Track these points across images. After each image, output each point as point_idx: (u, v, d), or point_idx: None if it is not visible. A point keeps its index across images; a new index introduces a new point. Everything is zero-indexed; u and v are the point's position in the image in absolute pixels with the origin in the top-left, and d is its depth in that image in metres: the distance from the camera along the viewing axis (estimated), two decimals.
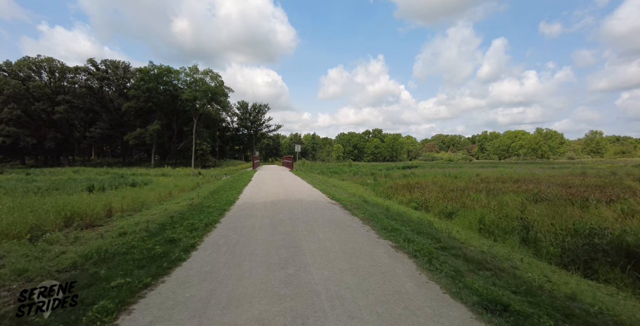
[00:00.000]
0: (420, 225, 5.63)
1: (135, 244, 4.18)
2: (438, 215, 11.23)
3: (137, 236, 4.74)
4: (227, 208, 7.11)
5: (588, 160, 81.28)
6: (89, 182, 18.61)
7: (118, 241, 4.42)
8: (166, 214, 6.87)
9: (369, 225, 5.46)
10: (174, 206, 8.38)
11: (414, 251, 3.88)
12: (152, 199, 12.18)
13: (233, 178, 18.12)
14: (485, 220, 8.64)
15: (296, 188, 11.51)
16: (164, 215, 6.73)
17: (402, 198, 15.22)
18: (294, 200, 8.44)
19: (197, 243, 4.27)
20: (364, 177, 26.92)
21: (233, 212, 6.72)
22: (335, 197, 9.12)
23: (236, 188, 11.73)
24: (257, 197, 9.15)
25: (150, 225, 5.52)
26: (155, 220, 6.13)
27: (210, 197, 9.22)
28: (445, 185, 19.59)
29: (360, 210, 6.89)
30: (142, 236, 4.71)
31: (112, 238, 4.68)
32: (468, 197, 13.15)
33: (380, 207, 7.99)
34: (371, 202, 8.61)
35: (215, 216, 6.07)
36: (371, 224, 5.48)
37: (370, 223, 5.54)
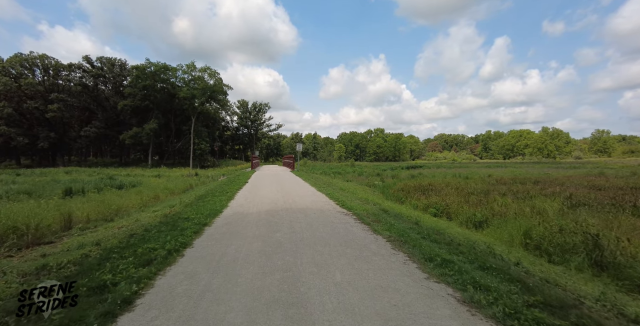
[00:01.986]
0: (475, 249, 3.99)
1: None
2: (464, 223, 9.59)
3: (60, 274, 3.13)
4: (209, 221, 5.47)
5: (596, 160, 79.18)
6: (73, 183, 17.07)
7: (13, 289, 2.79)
8: (129, 230, 5.26)
9: (403, 251, 3.82)
10: (147, 216, 6.77)
11: (504, 314, 2.24)
12: (133, 204, 10.61)
13: (229, 179, 16.52)
14: (532, 234, 6.98)
15: (298, 192, 9.89)
16: (124, 232, 5.12)
17: (416, 203, 13.59)
18: (295, 209, 6.80)
19: (140, 292, 2.63)
20: (369, 177, 25.27)
21: (215, 228, 5.08)
22: (346, 203, 7.48)
23: (228, 192, 10.11)
24: (251, 204, 7.52)
25: (94, 252, 3.90)
26: (108, 240, 4.53)
27: (194, 205, 7.59)
28: (460, 186, 17.93)
29: (383, 225, 5.25)
30: (66, 275, 3.10)
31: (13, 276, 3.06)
32: (495, 202, 11.49)
33: (405, 218, 6.33)
34: (391, 211, 6.96)
35: (189, 235, 4.44)
36: (406, 250, 3.84)
37: (404, 248, 3.90)
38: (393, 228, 4.97)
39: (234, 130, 73.30)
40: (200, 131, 48.99)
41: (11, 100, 39.50)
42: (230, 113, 71.83)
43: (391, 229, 4.93)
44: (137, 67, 44.09)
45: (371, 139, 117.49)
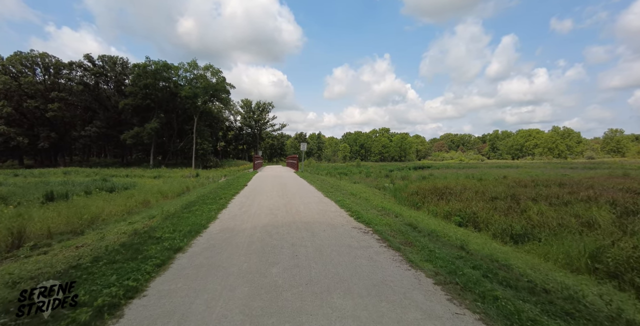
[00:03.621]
0: (587, 307, 2.57)
1: None
2: (499, 236, 8.13)
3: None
4: (186, 244, 4.12)
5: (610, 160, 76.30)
6: (62, 186, 15.94)
7: None
8: (80, 255, 3.96)
9: (468, 306, 2.41)
10: (116, 232, 5.46)
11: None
12: (117, 212, 9.36)
13: (227, 182, 15.22)
14: (603, 256, 5.50)
15: (303, 199, 8.51)
16: (74, 258, 3.81)
17: (435, 209, 12.12)
18: (300, 223, 5.42)
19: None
20: (378, 179, 23.78)
21: (190, 256, 3.71)
22: (361, 215, 6.08)
23: (223, 198, 8.77)
24: (246, 215, 6.16)
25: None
26: (42, 274, 3.21)
27: (177, 216, 6.25)
28: (480, 190, 16.38)
29: (418, 251, 3.85)
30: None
31: None
32: (530, 210, 9.99)
33: (443, 238, 4.89)
34: (421, 227, 5.52)
35: (148, 271, 3.08)
36: (472, 304, 2.44)
37: (468, 301, 2.49)
38: (435, 258, 3.56)
39: (237, 129, 72.26)
40: (202, 131, 47.96)
41: (11, 99, 38.84)
42: (234, 113, 70.86)
43: (433, 259, 3.52)
44: (138, 65, 43.19)
45: (376, 139, 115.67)
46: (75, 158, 54.44)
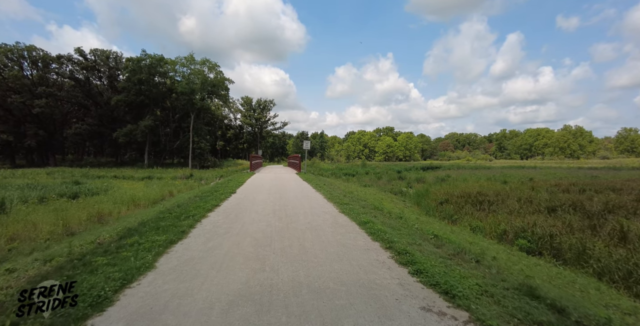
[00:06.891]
0: None
1: None
2: (618, 282, 5.35)
3: None
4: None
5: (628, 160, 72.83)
6: (17, 191, 13.37)
7: None
8: None
9: None
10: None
11: None
12: (48, 232, 6.75)
13: (214, 187, 12.55)
14: None
15: (309, 218, 5.81)
16: None
17: (479, 224, 9.36)
18: (306, 293, 2.77)
19: None
20: (392, 181, 20.98)
21: None
22: (418, 260, 3.40)
23: (201, 207, 6.12)
24: (212, 260, 3.51)
25: None
26: None
27: (107, 251, 3.59)
28: (522, 197, 13.56)
29: None
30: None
31: None
32: (632, 231, 7.20)
33: None
34: (548, 297, 2.83)
35: None
36: None
37: None
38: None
39: (237, 128, 69.73)
40: (200, 129, 45.38)
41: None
42: (234, 111, 68.36)
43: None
44: (131, 59, 40.65)
45: (380, 138, 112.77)
46: (69, 158, 52.13)
